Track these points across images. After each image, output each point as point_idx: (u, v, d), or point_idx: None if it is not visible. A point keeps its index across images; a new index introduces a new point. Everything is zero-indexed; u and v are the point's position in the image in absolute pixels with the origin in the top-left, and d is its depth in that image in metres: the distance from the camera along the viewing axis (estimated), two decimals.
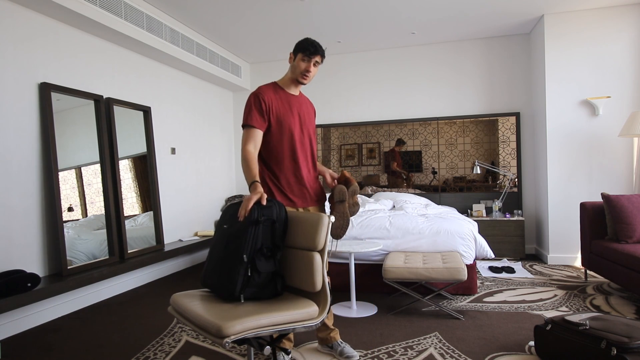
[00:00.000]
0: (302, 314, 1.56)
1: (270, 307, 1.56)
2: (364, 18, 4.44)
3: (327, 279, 1.68)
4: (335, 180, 2.26)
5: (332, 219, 1.71)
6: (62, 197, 3.14)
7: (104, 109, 3.64)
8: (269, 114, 2.04)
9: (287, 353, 2.16)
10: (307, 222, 1.72)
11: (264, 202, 1.69)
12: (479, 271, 4.11)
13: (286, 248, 1.79)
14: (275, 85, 2.16)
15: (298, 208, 2.15)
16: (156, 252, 3.95)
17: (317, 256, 1.64)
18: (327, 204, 2.33)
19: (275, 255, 1.69)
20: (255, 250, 1.63)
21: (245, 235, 1.62)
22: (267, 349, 1.50)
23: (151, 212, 4.14)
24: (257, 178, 1.85)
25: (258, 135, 2.02)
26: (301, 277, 1.69)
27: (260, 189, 1.75)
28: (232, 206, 1.79)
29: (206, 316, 1.46)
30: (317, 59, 2.11)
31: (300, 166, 2.14)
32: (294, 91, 2.20)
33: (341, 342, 2.34)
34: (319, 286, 1.64)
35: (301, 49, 2.09)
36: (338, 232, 2.11)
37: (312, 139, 2.23)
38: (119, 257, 3.61)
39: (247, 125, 2.02)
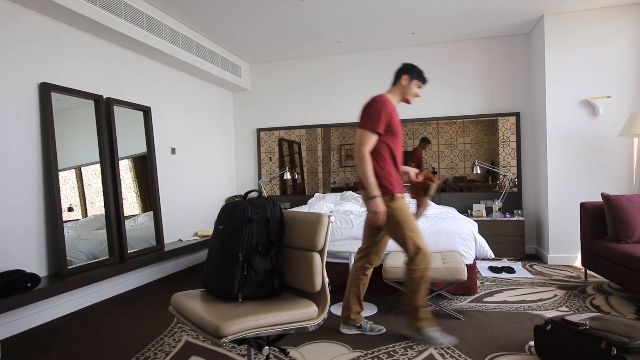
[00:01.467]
0: (301, 314, 1.56)
1: (269, 307, 1.56)
2: (364, 18, 4.44)
3: (326, 280, 1.68)
4: (420, 176, 2.69)
5: (332, 219, 1.72)
6: (62, 197, 3.15)
7: (104, 109, 3.64)
8: (389, 121, 2.41)
9: (286, 353, 2.16)
10: (307, 222, 1.72)
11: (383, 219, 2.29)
12: (479, 271, 4.11)
13: (286, 248, 1.79)
14: (389, 98, 2.51)
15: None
16: (156, 252, 3.95)
17: (317, 256, 1.64)
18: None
19: (271, 253, 1.70)
20: (250, 248, 1.64)
21: (240, 234, 1.64)
22: (266, 349, 1.50)
23: (151, 212, 4.14)
24: (379, 192, 2.30)
25: (374, 141, 2.38)
26: (301, 277, 1.69)
27: (383, 207, 2.29)
28: (227, 206, 1.79)
29: (205, 316, 1.46)
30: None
31: (401, 163, 2.59)
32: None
33: (367, 321, 2.64)
34: (318, 286, 1.64)
35: (418, 77, 2.56)
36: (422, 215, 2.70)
37: None
38: (119, 257, 3.61)
39: (373, 130, 2.36)
